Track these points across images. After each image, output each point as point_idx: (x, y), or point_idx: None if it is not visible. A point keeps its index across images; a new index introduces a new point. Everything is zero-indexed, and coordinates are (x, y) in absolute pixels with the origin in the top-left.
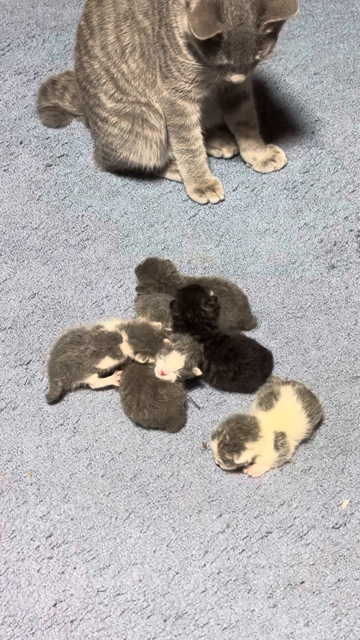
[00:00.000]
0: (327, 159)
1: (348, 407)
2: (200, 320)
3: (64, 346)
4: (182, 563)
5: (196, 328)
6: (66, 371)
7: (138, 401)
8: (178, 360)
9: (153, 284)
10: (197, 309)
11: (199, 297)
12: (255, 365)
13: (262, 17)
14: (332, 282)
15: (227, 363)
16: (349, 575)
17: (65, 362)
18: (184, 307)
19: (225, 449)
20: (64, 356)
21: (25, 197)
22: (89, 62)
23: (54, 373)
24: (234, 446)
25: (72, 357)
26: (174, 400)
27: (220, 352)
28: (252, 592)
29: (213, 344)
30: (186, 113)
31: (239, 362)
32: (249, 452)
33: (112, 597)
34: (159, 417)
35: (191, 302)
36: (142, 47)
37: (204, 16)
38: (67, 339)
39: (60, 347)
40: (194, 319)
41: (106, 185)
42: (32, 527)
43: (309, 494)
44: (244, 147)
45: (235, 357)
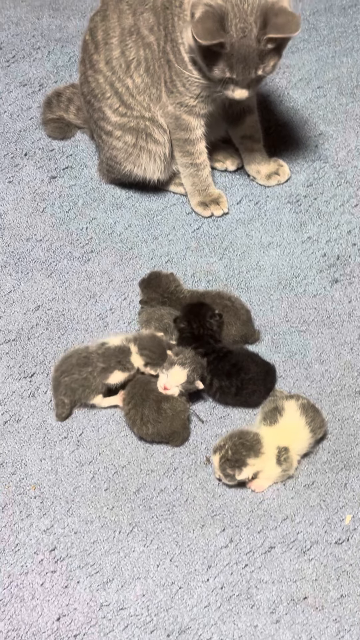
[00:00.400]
0: (330, 172)
1: (351, 422)
2: (205, 332)
3: (69, 367)
4: (185, 578)
5: (201, 341)
6: (71, 394)
7: (142, 415)
8: (180, 375)
9: (157, 298)
10: (203, 320)
11: (205, 310)
12: (258, 380)
13: (264, 31)
14: (335, 296)
15: (229, 378)
16: (352, 591)
17: (70, 385)
18: (190, 318)
19: (227, 463)
20: (68, 379)
21: (30, 209)
22: (93, 76)
23: (59, 392)
24: (235, 462)
25: (77, 380)
26: (177, 415)
27: (223, 367)
28: (255, 608)
29: (216, 359)
30: (191, 127)
31: (242, 378)
32: (251, 468)
33: (116, 611)
34: (162, 431)
35: (197, 314)
36: (147, 62)
37: (207, 23)
38: (72, 359)
39: (65, 369)
40: (199, 329)
41: (110, 198)
42: (36, 541)
43: (312, 509)
44: (248, 161)
45: (238, 372)
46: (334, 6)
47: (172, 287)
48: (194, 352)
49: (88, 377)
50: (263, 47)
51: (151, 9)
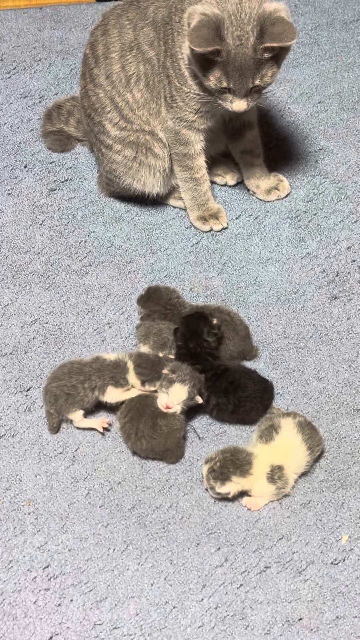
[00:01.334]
0: (330, 188)
1: (348, 440)
2: (202, 350)
3: (59, 375)
4: (179, 597)
5: (198, 358)
6: (54, 401)
7: (137, 430)
8: (182, 392)
9: (159, 310)
10: (200, 339)
11: (202, 326)
12: (255, 398)
13: (261, 40)
14: (334, 313)
15: (227, 396)
16: (348, 613)
17: (54, 392)
18: (187, 336)
19: (211, 474)
20: (55, 385)
21: (29, 221)
22: (93, 90)
23: (46, 401)
24: (220, 474)
25: (64, 387)
26: (172, 432)
27: (221, 384)
28: (250, 628)
29: (214, 376)
30: (190, 142)
31: (239, 395)
32: (234, 485)
33: (109, 630)
34: (156, 447)
35: (194, 332)
36: (147, 77)
37: (202, 31)
38: (64, 368)
39: (55, 376)
40: (196, 349)
41: (109, 211)
42: (30, 558)
43: (308, 528)
44: (248, 175)
45: (236, 390)
46: (336, 21)
47: (173, 299)
48: (191, 367)
49: (77, 385)
50: (260, 56)
51: (151, 24)
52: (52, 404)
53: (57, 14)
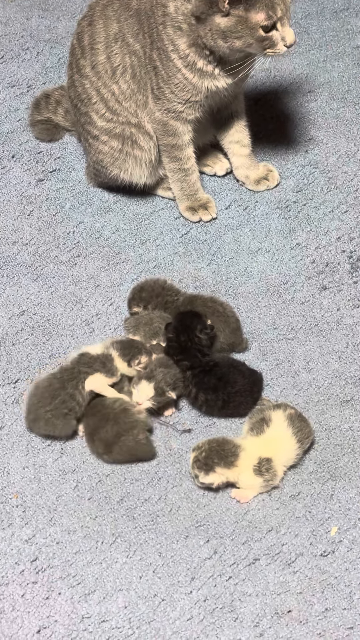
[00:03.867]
0: (320, 178)
1: (338, 432)
2: (192, 346)
3: (47, 394)
4: (168, 590)
5: (187, 353)
6: (52, 429)
7: (99, 447)
8: (147, 389)
9: (160, 302)
10: (192, 334)
11: (196, 323)
12: (244, 392)
13: None
14: (324, 304)
15: (215, 392)
16: (337, 605)
17: (48, 419)
18: (179, 330)
19: (196, 464)
20: (48, 409)
21: (16, 212)
22: (80, 80)
23: (41, 430)
24: (204, 465)
25: (61, 406)
26: (137, 443)
27: (209, 381)
28: (239, 621)
29: (202, 373)
30: (178, 133)
31: (228, 391)
32: (218, 476)
33: (97, 623)
34: (125, 459)
35: (187, 327)
36: (134, 69)
37: None
38: (50, 386)
39: (40, 397)
40: (187, 343)
41: (98, 202)
42: (17, 551)
43: (297, 520)
44: (237, 166)
45: (225, 386)
46: (326, 10)
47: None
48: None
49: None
50: None
51: (135, 16)
52: (52, 430)
53: (45, 2)
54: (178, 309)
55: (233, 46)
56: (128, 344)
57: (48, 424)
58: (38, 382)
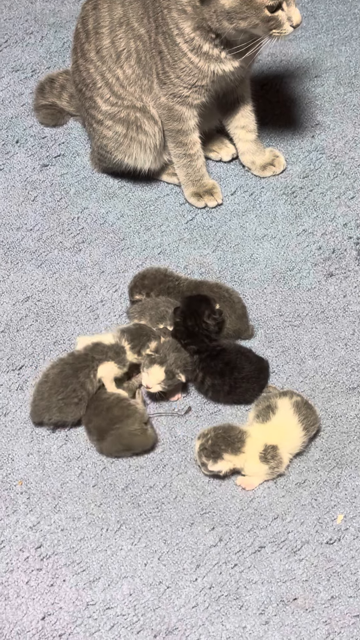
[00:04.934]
0: (327, 164)
1: (344, 419)
2: (199, 331)
3: (58, 381)
4: (173, 577)
5: (195, 338)
6: (59, 413)
7: (98, 429)
8: (158, 373)
9: (163, 289)
10: (199, 320)
11: (204, 308)
12: (251, 378)
13: None
14: (330, 291)
15: (222, 377)
16: (343, 593)
17: (59, 406)
18: (187, 314)
19: (203, 452)
20: (60, 397)
21: (21, 197)
22: (84, 65)
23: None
24: (212, 452)
25: (71, 394)
26: (133, 434)
27: (216, 365)
28: (244, 608)
29: (209, 357)
30: (184, 118)
31: (235, 377)
32: (226, 463)
33: (102, 611)
34: (126, 451)
35: (195, 311)
36: (139, 54)
37: None
38: (62, 372)
39: (52, 384)
40: (194, 328)
41: (103, 187)
42: (22, 538)
43: (303, 507)
44: (243, 151)
45: (232, 371)
46: None
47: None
48: (179, 345)
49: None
50: None
51: (140, 0)
52: (64, 417)
53: None
54: (182, 294)
55: (238, 27)
56: (137, 333)
57: (61, 412)
58: (48, 369)
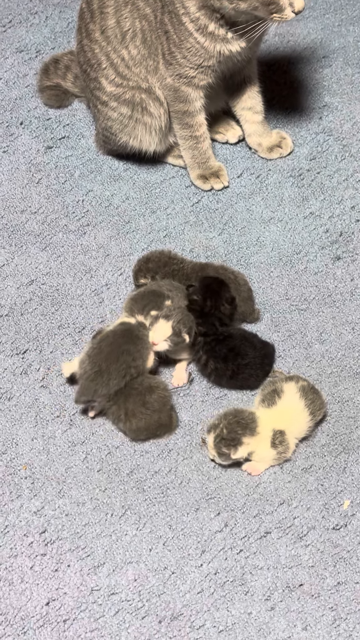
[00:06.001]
0: (334, 145)
1: (351, 404)
2: (215, 313)
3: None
4: (178, 562)
5: (206, 319)
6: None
7: (126, 410)
8: (165, 328)
9: (167, 272)
10: (219, 302)
11: (224, 291)
12: (254, 365)
13: None
14: (337, 274)
15: (225, 362)
16: (349, 579)
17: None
18: (207, 294)
19: (222, 442)
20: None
21: (25, 180)
22: (89, 45)
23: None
24: (231, 440)
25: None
26: (164, 406)
27: (220, 350)
28: (250, 594)
29: (214, 341)
30: (190, 99)
31: (238, 363)
32: (246, 447)
33: (107, 596)
34: (150, 424)
35: (215, 293)
36: (144, 34)
37: None
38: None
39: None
40: (211, 309)
41: (108, 169)
42: (26, 523)
43: (309, 493)
44: (249, 133)
45: (235, 357)
46: None
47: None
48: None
49: None
50: None
51: None
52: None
53: None
54: (187, 277)
55: (238, 8)
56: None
57: (113, 381)
58: (102, 338)
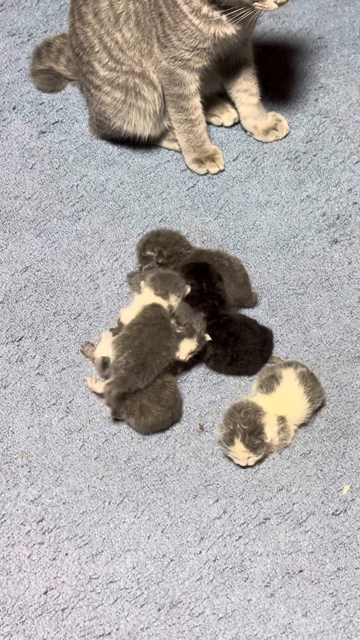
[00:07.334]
0: (331, 127)
1: (350, 388)
2: (214, 292)
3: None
4: (177, 550)
5: (206, 300)
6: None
7: (141, 406)
8: (191, 345)
9: (175, 251)
10: (212, 279)
11: (210, 270)
12: (254, 351)
13: None
14: (335, 258)
15: (225, 348)
16: (349, 564)
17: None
18: (201, 277)
19: (250, 437)
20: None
21: (18, 165)
22: (82, 28)
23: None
24: (255, 428)
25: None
26: (176, 401)
27: (220, 335)
28: (249, 581)
29: (214, 325)
30: (185, 82)
31: (238, 349)
32: (268, 428)
33: (105, 584)
34: (164, 420)
35: (205, 274)
36: (138, 16)
37: None
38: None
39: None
40: (208, 288)
41: (102, 154)
42: (23, 511)
43: (308, 478)
44: (245, 115)
45: (235, 342)
46: None
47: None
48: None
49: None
50: None
51: None
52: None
53: None
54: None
55: None
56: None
57: (151, 376)
58: (138, 327)
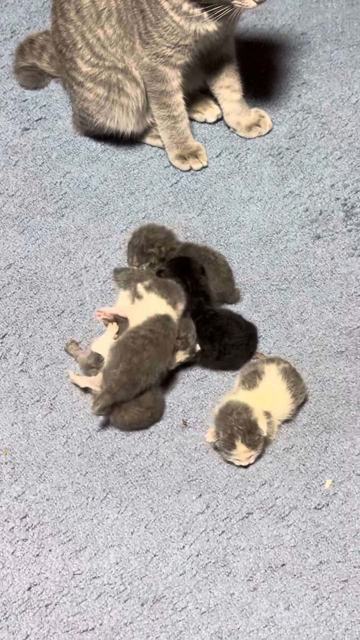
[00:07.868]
0: (313, 123)
1: (332, 383)
2: (198, 289)
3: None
4: (160, 545)
5: (192, 297)
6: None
7: (120, 404)
8: (181, 356)
9: (167, 243)
10: (195, 275)
11: (192, 265)
12: (241, 345)
13: None
14: (318, 253)
15: (212, 343)
16: (331, 558)
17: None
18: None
19: (250, 435)
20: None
21: (1, 162)
22: (64, 25)
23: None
24: (250, 425)
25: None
26: (157, 402)
27: (207, 330)
28: (232, 575)
29: (201, 321)
30: (167, 79)
31: (225, 343)
32: (261, 422)
33: (88, 580)
34: (143, 418)
35: (186, 269)
36: (120, 13)
37: None
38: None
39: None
40: (194, 286)
41: (85, 151)
42: (7, 508)
43: (290, 473)
44: (228, 112)
45: (222, 337)
46: None
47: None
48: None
49: None
50: None
51: None
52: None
53: None
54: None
55: None
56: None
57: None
58: (144, 334)
